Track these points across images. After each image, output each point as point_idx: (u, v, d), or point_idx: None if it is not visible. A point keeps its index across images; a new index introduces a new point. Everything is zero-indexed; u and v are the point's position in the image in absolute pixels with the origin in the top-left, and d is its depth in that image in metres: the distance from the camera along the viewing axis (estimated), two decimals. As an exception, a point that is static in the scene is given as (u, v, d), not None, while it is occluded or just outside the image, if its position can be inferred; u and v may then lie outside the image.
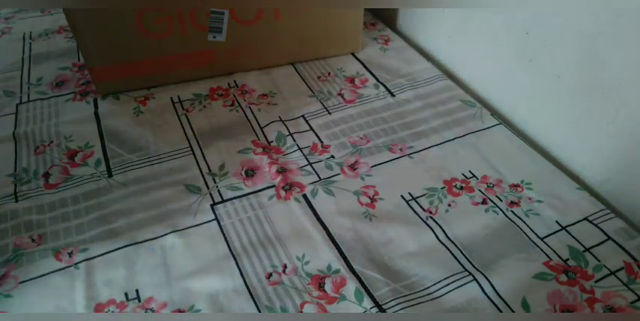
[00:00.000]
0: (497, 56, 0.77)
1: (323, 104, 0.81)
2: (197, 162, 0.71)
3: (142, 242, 0.60)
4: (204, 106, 0.80)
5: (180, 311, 0.53)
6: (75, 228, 0.62)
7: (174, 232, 0.61)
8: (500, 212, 0.63)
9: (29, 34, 1.00)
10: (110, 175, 0.69)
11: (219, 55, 0.83)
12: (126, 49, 0.77)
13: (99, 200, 0.65)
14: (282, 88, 0.85)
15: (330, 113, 0.79)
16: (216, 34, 0.79)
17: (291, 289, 0.55)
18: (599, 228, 0.60)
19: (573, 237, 0.59)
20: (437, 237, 0.60)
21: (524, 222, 0.61)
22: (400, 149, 0.72)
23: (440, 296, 0.54)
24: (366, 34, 0.96)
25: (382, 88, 0.84)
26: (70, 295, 0.55)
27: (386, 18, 1.03)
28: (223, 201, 0.65)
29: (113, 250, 0.59)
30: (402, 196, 0.65)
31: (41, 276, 0.57)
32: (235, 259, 0.58)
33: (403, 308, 0.53)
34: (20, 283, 0.56)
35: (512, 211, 0.63)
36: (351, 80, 0.86)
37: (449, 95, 0.82)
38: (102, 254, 0.59)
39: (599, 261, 0.57)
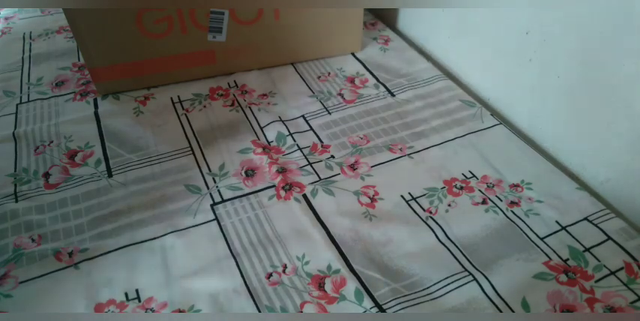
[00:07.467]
0: (497, 56, 0.77)
1: (323, 104, 0.81)
2: (197, 162, 0.71)
3: (142, 242, 0.60)
4: (204, 106, 0.80)
5: (180, 311, 0.53)
6: (75, 228, 0.62)
7: (174, 232, 0.61)
8: (500, 212, 0.63)
9: (29, 34, 1.00)
10: (110, 175, 0.69)
11: (219, 55, 0.83)
12: (126, 49, 0.77)
13: (99, 200, 0.65)
14: (282, 88, 0.85)
15: (330, 113, 0.79)
16: (216, 34, 0.79)
17: (291, 289, 0.55)
18: (599, 228, 0.60)
19: (573, 237, 0.59)
20: (437, 237, 0.60)
21: (524, 222, 0.61)
22: (400, 149, 0.72)
23: (440, 296, 0.54)
24: (366, 34, 0.96)
25: (382, 88, 0.84)
26: (69, 295, 0.55)
27: (386, 18, 1.03)
28: (223, 201, 0.65)
29: (113, 250, 0.59)
30: (402, 196, 0.65)
31: (41, 276, 0.57)
32: (235, 259, 0.58)
33: (403, 308, 0.53)
34: (20, 283, 0.56)
35: (512, 211, 0.63)
36: (351, 80, 0.86)
37: (449, 95, 0.82)
38: (102, 254, 0.59)
39: (599, 261, 0.57)
